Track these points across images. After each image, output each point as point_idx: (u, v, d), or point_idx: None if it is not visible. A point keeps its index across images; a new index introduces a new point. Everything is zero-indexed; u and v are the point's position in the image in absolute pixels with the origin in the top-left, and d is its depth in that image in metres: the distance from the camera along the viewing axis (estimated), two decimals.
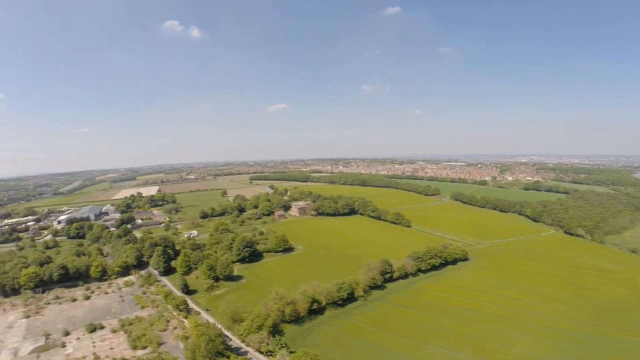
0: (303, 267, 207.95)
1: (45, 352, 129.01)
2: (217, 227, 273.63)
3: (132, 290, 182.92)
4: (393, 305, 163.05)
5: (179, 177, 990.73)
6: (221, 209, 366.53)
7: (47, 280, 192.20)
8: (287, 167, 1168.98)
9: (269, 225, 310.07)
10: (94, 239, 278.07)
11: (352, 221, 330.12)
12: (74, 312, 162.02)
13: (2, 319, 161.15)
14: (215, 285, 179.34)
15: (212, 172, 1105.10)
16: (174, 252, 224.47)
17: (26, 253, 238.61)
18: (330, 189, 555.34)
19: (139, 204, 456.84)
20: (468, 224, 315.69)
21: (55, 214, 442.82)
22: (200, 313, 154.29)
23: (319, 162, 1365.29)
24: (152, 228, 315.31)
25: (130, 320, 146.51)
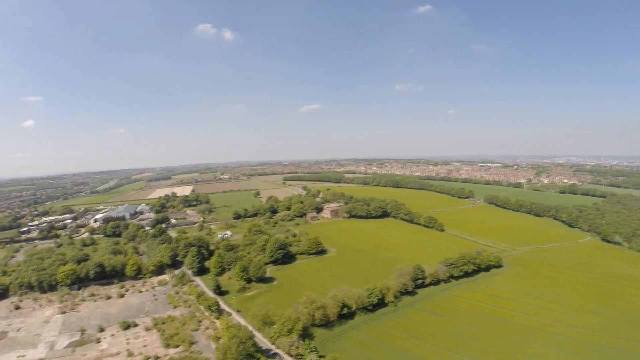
0: (334, 270, 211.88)
1: (81, 347, 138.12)
2: (250, 228, 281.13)
3: (165, 290, 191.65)
4: (423, 312, 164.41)
5: (213, 177, 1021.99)
6: (254, 210, 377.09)
7: (84, 277, 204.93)
8: (321, 168, 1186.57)
9: (301, 227, 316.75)
10: (130, 237, 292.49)
11: (385, 224, 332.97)
12: (108, 309, 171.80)
13: (39, 313, 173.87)
14: (247, 287, 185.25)
15: (246, 172, 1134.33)
16: (207, 252, 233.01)
17: (64, 250, 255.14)
18: (364, 190, 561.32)
19: (173, 203, 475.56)
20: (502, 229, 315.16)
21: (91, 212, 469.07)
22: (232, 314, 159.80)
23: (352, 163, 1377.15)
24: (186, 228, 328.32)
25: (163, 319, 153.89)
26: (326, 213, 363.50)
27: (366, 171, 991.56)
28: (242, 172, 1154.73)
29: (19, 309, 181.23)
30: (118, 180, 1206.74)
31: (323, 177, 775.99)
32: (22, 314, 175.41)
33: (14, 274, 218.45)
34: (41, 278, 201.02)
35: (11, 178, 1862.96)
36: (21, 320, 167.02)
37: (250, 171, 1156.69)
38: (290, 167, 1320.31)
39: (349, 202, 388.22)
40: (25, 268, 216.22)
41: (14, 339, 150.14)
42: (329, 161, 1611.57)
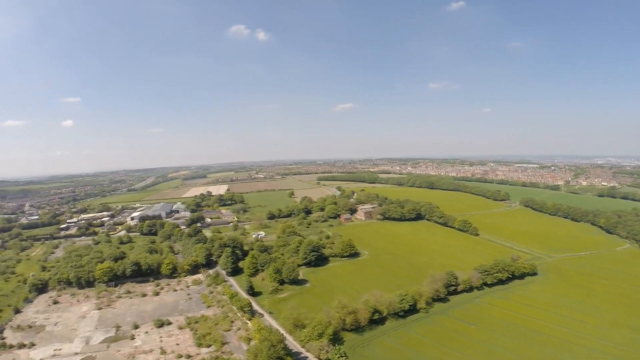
0: (367, 273, 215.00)
1: (115, 343, 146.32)
2: (284, 229, 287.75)
3: (199, 289, 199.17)
4: (455, 320, 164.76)
5: (248, 176, 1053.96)
6: (288, 211, 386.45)
7: (120, 275, 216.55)
8: (356, 167, 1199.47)
9: (335, 228, 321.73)
10: (166, 236, 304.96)
11: (418, 227, 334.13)
12: (143, 307, 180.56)
13: (76, 309, 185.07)
14: (280, 289, 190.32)
15: (281, 171, 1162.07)
16: (242, 252, 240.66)
17: (102, 248, 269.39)
18: (398, 191, 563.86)
19: (208, 202, 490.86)
20: (538, 234, 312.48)
21: (128, 210, 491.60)
22: (264, 315, 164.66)
23: (387, 162, 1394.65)
24: (220, 227, 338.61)
25: (197, 319, 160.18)
26: (360, 214, 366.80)
27: (401, 171, 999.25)
28: (276, 171, 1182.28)
29: (57, 303, 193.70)
30: (155, 179, 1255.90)
31: (357, 177, 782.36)
32: (60, 308, 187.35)
33: (53, 269, 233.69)
34: (79, 274, 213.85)
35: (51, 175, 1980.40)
36: (58, 315, 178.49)
37: (284, 170, 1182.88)
38: (325, 166, 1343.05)
39: (383, 203, 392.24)
40: (64, 264, 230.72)
41: (52, 332, 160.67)
42: (363, 160, 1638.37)
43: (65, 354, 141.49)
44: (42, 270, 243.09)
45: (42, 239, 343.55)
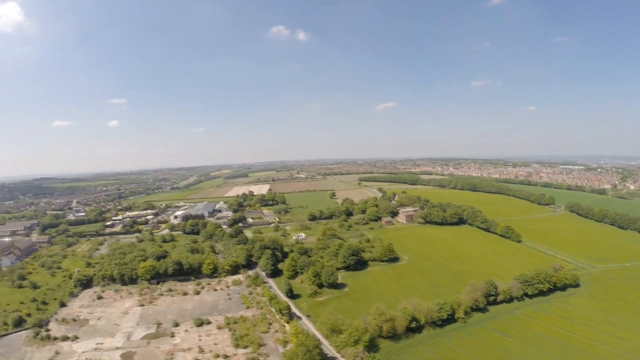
0: (406, 279, 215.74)
1: (155, 340, 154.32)
2: (325, 231, 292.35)
3: (239, 290, 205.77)
4: (493, 332, 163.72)
5: (289, 175, 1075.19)
6: (329, 212, 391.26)
7: (162, 273, 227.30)
8: (397, 168, 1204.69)
9: (375, 231, 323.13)
10: (208, 236, 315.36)
11: (460, 232, 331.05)
12: (184, 305, 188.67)
13: (119, 305, 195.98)
14: (319, 292, 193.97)
15: (322, 171, 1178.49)
16: (282, 254, 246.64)
17: (145, 246, 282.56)
18: (440, 193, 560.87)
19: (250, 202, 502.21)
20: (582, 242, 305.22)
21: (172, 208, 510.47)
22: (302, 318, 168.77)
23: (428, 163, 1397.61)
24: (262, 228, 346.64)
25: (235, 319, 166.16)
26: (401, 218, 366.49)
27: (442, 172, 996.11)
28: (317, 171, 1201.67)
29: (101, 298, 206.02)
30: (197, 177, 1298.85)
31: (399, 178, 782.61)
32: (104, 303, 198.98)
33: (98, 266, 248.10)
34: (123, 272, 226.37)
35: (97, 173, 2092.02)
36: (102, 310, 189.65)
37: (325, 170, 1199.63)
38: (366, 166, 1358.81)
39: (425, 206, 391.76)
40: (109, 261, 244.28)
41: (95, 326, 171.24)
42: (405, 160, 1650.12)
43: (106, 348, 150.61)
44: (87, 266, 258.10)
45: (87, 235, 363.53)
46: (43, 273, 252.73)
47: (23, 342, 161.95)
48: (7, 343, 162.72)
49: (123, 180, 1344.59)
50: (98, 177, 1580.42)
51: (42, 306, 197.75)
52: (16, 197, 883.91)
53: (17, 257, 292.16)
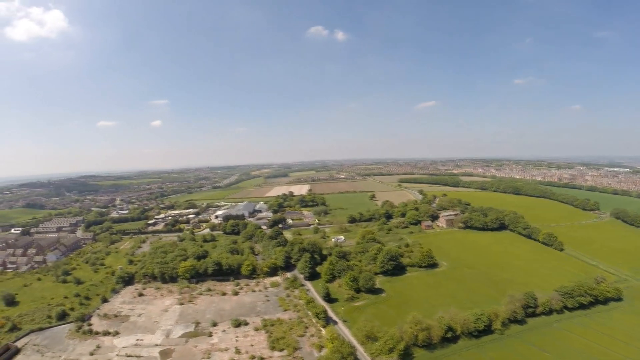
0: (444, 287, 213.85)
1: (193, 339, 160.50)
2: (364, 235, 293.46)
3: (277, 292, 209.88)
4: (529, 346, 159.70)
5: (329, 175, 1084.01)
6: (369, 215, 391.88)
7: (202, 272, 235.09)
8: (438, 169, 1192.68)
9: (415, 235, 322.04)
10: (248, 236, 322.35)
11: (501, 238, 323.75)
12: (222, 305, 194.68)
13: (159, 302, 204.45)
14: (356, 297, 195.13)
15: (362, 171, 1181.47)
16: (320, 257, 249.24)
17: (186, 245, 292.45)
18: (481, 196, 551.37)
19: (290, 203, 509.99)
20: (626, 252, 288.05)
21: (213, 207, 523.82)
22: (338, 323, 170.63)
23: (470, 163, 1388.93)
24: (301, 229, 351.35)
25: (272, 321, 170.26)
26: (441, 222, 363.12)
27: (484, 174, 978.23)
28: (357, 171, 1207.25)
29: (141, 296, 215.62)
30: (238, 176, 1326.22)
31: (439, 180, 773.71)
32: (145, 301, 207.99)
33: (140, 263, 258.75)
34: (164, 270, 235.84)
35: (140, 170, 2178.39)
36: (143, 307, 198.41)
37: (365, 171, 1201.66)
38: (406, 167, 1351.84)
39: (465, 210, 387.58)
40: (150, 259, 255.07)
41: (135, 323, 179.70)
42: (446, 161, 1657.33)
43: (146, 345, 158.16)
44: (129, 263, 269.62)
45: (130, 233, 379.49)
46: (87, 269, 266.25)
47: (66, 335, 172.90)
48: (51, 335, 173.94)
49: (165, 178, 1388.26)
50: (141, 175, 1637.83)
51: (85, 301, 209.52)
52: (62, 194, 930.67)
53: (63, 252, 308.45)
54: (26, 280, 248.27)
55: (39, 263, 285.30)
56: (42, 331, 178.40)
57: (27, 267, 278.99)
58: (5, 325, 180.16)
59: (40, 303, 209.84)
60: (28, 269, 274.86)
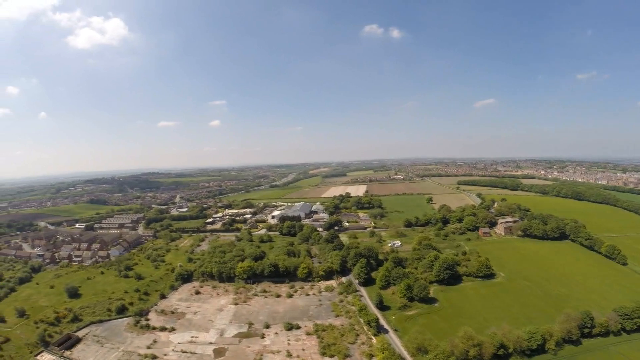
0: (499, 299, 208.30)
1: (246, 339, 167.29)
2: (420, 240, 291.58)
3: (330, 296, 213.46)
4: None
5: (386, 176, 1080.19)
6: (425, 219, 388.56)
7: (259, 273, 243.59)
8: (497, 170, 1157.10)
9: (472, 243, 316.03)
10: (304, 238, 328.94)
11: (561, 249, 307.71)
12: (276, 308, 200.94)
13: (215, 301, 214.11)
14: (409, 305, 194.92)
15: (420, 172, 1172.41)
16: (376, 262, 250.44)
17: (243, 246, 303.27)
18: (541, 201, 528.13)
19: (346, 205, 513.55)
20: None
21: (270, 207, 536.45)
22: (389, 332, 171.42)
23: (531, 165, 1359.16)
24: (357, 232, 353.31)
25: (324, 326, 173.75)
26: (499, 229, 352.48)
27: (546, 176, 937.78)
28: (415, 171, 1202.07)
29: (198, 294, 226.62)
30: (296, 175, 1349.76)
31: (499, 182, 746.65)
32: (201, 299, 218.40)
33: (198, 262, 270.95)
34: (222, 270, 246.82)
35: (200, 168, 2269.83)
36: (199, 305, 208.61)
37: (424, 171, 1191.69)
38: (465, 167, 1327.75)
39: (525, 217, 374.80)
40: (209, 258, 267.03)
41: (191, 320, 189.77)
42: (506, 162, 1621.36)
43: (200, 342, 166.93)
44: (189, 261, 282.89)
45: (189, 231, 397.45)
46: (147, 265, 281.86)
47: (124, 328, 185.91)
48: (110, 327, 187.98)
49: (224, 176, 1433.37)
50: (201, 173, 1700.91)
51: (144, 296, 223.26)
52: (124, 190, 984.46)
53: (125, 248, 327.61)
54: (90, 273, 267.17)
55: (102, 258, 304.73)
56: (102, 323, 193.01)
57: (91, 261, 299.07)
58: (67, 316, 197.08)
59: (101, 296, 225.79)
60: (92, 263, 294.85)
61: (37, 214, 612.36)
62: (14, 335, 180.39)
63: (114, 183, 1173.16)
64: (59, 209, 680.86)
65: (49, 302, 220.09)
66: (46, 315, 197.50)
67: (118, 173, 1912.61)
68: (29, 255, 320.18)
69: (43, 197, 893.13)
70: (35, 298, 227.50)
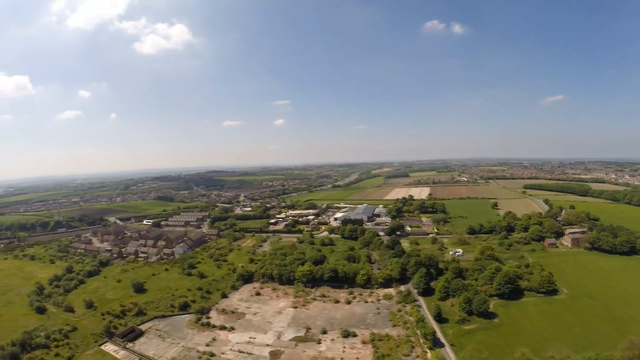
0: (560, 319, 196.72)
1: (303, 344, 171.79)
2: (483, 250, 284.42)
3: (389, 305, 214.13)
4: None
5: (450, 177, 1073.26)
6: (489, 227, 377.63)
7: (318, 278, 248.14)
8: (565, 173, 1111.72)
9: (536, 254, 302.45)
10: (365, 243, 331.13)
11: (630, 265, 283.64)
12: (334, 313, 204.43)
13: (275, 303, 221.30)
14: (467, 319, 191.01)
15: (484, 173, 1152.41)
16: (436, 271, 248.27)
17: (304, 248, 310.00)
18: (612, 209, 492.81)
19: (409, 208, 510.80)
20: None
21: (332, 209, 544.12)
22: (445, 346, 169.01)
23: (601, 167, 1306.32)
24: (419, 238, 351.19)
25: (380, 336, 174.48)
26: (566, 240, 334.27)
27: (617, 180, 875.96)
28: (479, 173, 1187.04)
29: (258, 295, 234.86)
30: (359, 175, 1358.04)
31: (566, 187, 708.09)
32: (261, 300, 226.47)
33: (260, 263, 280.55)
34: (282, 272, 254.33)
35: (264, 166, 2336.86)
36: (258, 306, 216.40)
37: (488, 173, 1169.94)
38: (532, 169, 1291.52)
39: (593, 227, 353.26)
40: (270, 260, 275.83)
41: (250, 321, 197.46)
42: (575, 163, 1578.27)
43: (258, 343, 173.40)
44: (250, 262, 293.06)
45: (252, 231, 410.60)
46: (210, 264, 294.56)
47: (185, 324, 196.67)
48: (172, 323, 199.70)
49: (288, 175, 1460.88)
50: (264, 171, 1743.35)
51: (206, 295, 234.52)
52: (190, 188, 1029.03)
53: (189, 246, 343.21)
54: (154, 270, 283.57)
55: (167, 255, 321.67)
56: (164, 318, 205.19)
57: (157, 258, 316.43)
58: (132, 309, 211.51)
59: (165, 292, 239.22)
60: (157, 260, 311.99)
61: (107, 209, 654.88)
62: (81, 324, 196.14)
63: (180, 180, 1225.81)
64: (128, 204, 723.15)
65: (115, 295, 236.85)
66: (112, 308, 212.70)
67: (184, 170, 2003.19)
68: (98, 250, 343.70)
69: (113, 193, 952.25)
70: (102, 291, 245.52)
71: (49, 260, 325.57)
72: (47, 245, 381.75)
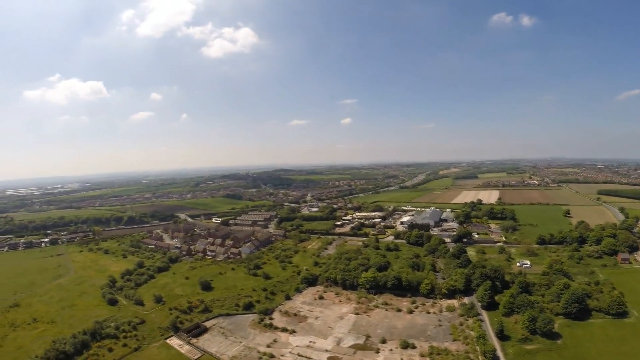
0: (627, 344, 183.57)
1: (361, 351, 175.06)
2: (551, 264, 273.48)
3: (451, 317, 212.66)
4: None
5: (520, 179, 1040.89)
6: (560, 237, 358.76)
7: (382, 285, 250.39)
8: None
9: (608, 270, 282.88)
10: (430, 250, 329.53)
11: None
12: (394, 322, 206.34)
13: (336, 308, 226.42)
14: (530, 338, 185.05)
15: (556, 176, 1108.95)
16: (502, 284, 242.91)
17: (369, 254, 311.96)
18: None
19: (477, 214, 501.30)
20: None
21: (398, 212, 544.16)
22: None
23: None
24: (486, 247, 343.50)
25: (439, 350, 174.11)
26: None
27: None
28: (551, 175, 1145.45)
29: (322, 299, 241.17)
30: (426, 176, 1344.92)
31: None
32: (323, 304, 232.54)
33: (324, 266, 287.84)
34: (345, 277, 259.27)
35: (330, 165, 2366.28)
36: (321, 310, 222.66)
37: (560, 175, 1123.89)
38: (607, 172, 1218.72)
39: None
40: (334, 264, 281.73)
41: (311, 325, 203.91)
42: None
43: (317, 348, 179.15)
44: (314, 265, 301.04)
45: (318, 233, 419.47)
46: (275, 265, 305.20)
47: (249, 324, 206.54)
48: (236, 321, 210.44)
49: (354, 175, 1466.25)
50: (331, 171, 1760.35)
51: (270, 296, 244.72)
52: (258, 186, 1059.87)
53: (256, 246, 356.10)
54: (221, 268, 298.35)
55: (234, 254, 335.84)
56: (229, 316, 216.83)
57: (224, 257, 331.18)
58: (199, 306, 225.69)
59: (231, 291, 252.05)
60: (224, 259, 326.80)
61: (177, 206, 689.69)
62: (149, 318, 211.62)
63: (248, 179, 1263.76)
64: (198, 202, 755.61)
65: (183, 291, 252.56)
66: (180, 304, 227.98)
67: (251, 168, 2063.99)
68: (168, 247, 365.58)
69: (183, 190, 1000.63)
70: (171, 287, 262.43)
71: (121, 254, 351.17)
72: (120, 240, 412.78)
